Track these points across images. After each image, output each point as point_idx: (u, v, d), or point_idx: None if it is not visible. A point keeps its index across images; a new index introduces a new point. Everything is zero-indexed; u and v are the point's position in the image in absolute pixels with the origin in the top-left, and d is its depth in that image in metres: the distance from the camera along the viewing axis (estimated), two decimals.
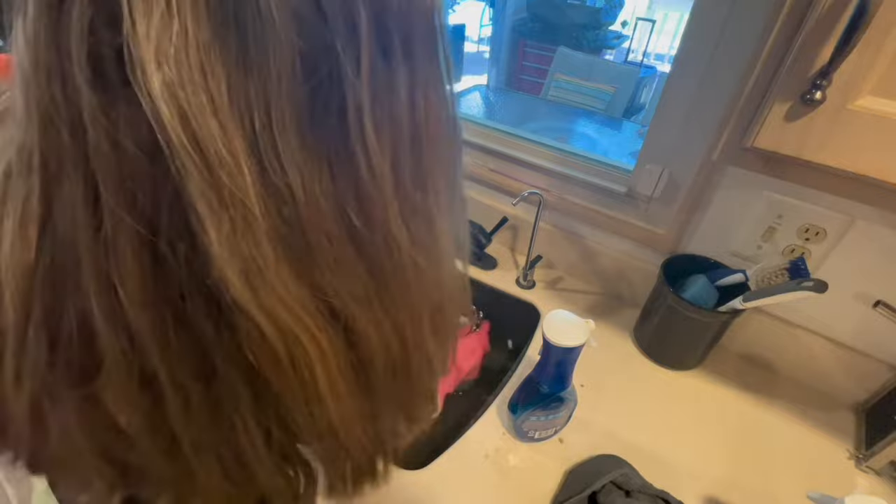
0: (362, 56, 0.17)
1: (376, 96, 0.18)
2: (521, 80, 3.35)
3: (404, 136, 0.19)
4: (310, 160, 0.17)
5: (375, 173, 0.19)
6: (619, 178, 0.78)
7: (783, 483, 0.60)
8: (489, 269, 0.94)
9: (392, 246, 0.20)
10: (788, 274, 0.62)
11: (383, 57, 0.17)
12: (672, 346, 0.74)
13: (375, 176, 0.19)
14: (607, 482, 0.55)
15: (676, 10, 3.53)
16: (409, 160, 0.20)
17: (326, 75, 0.16)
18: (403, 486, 0.58)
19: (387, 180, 0.19)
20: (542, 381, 0.58)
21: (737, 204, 0.68)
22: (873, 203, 0.39)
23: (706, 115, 0.64)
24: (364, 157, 0.18)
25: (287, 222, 0.17)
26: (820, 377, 0.72)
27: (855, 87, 0.34)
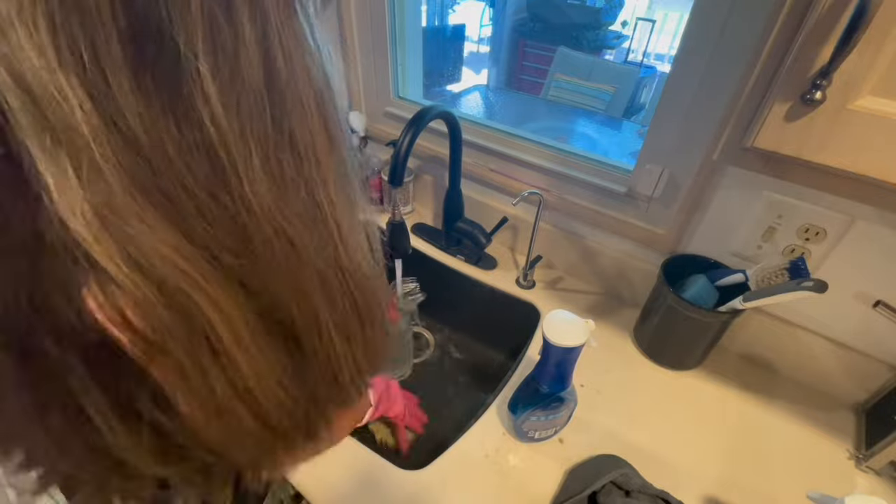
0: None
1: (214, 43, 0.16)
2: (521, 80, 3.36)
3: (255, 89, 0.18)
4: (148, 103, 0.16)
5: (221, 129, 0.17)
6: (619, 178, 0.78)
7: (783, 483, 0.60)
8: (489, 269, 0.94)
9: (250, 210, 0.19)
10: (788, 274, 0.62)
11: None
12: (672, 347, 0.74)
13: (221, 131, 0.17)
14: (607, 482, 0.55)
15: (676, 10, 3.53)
16: (267, 120, 0.18)
17: (151, 10, 0.15)
18: (403, 485, 0.58)
19: (235, 138, 0.18)
20: (542, 381, 0.58)
21: (737, 204, 0.68)
22: (873, 203, 0.39)
23: (706, 115, 0.64)
24: (205, 109, 0.17)
25: (137, 167, 0.16)
26: (820, 377, 0.72)
27: (855, 87, 0.34)
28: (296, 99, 0.19)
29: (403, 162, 0.71)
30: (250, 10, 0.17)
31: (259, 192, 0.19)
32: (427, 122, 0.72)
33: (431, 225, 1.05)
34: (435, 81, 2.96)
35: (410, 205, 1.09)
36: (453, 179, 0.90)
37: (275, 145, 0.19)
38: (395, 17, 0.92)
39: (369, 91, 1.03)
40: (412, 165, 1.03)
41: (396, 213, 0.78)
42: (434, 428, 0.81)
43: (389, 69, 0.97)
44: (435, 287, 0.96)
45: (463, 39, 3.24)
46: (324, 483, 0.58)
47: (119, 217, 0.16)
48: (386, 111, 1.02)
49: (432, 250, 0.98)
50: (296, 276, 0.21)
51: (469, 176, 0.94)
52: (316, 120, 0.20)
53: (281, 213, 0.20)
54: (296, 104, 0.19)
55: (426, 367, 0.97)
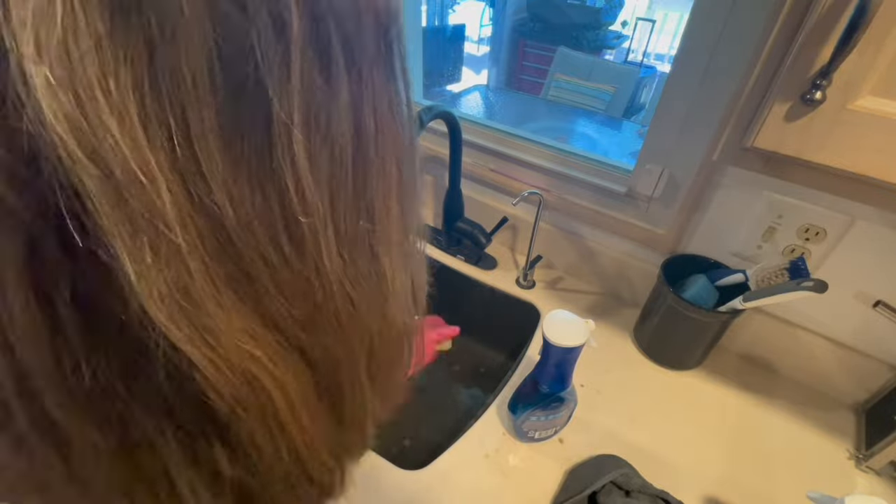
0: (292, 61, 0.14)
1: (309, 110, 0.15)
2: (521, 80, 3.36)
3: (345, 160, 0.17)
4: (238, 177, 0.15)
5: (306, 199, 0.16)
6: (619, 178, 0.78)
7: (783, 483, 0.60)
8: (489, 269, 0.94)
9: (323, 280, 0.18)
10: (788, 274, 0.62)
11: (319, 64, 0.15)
12: (672, 347, 0.74)
13: (306, 202, 0.16)
14: (607, 482, 0.55)
15: (676, 10, 3.53)
16: (350, 188, 0.18)
17: (250, 81, 0.14)
18: (403, 485, 0.58)
19: (319, 208, 0.17)
20: (542, 381, 0.58)
21: (737, 204, 0.68)
22: (873, 203, 0.39)
23: (706, 115, 0.64)
24: (292, 180, 0.16)
25: (220, 247, 0.15)
26: (820, 377, 0.72)
27: (855, 87, 0.34)
28: (380, 168, 0.19)
29: None
30: (348, 75, 0.16)
31: (333, 259, 0.18)
32: (427, 122, 0.72)
33: (431, 225, 1.05)
34: (435, 81, 2.96)
35: None
36: (453, 179, 0.90)
37: (351, 211, 0.18)
38: None
39: None
40: None
41: None
42: (434, 428, 0.81)
43: None
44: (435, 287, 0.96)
45: (463, 39, 3.24)
46: None
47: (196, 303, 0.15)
48: None
49: (432, 250, 0.98)
50: (353, 339, 0.21)
51: (469, 176, 0.94)
52: (394, 187, 0.20)
53: (350, 279, 0.19)
54: (379, 173, 0.19)
55: (426, 367, 0.97)
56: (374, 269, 0.20)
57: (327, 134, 0.16)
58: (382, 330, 0.23)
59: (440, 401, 0.89)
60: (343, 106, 0.16)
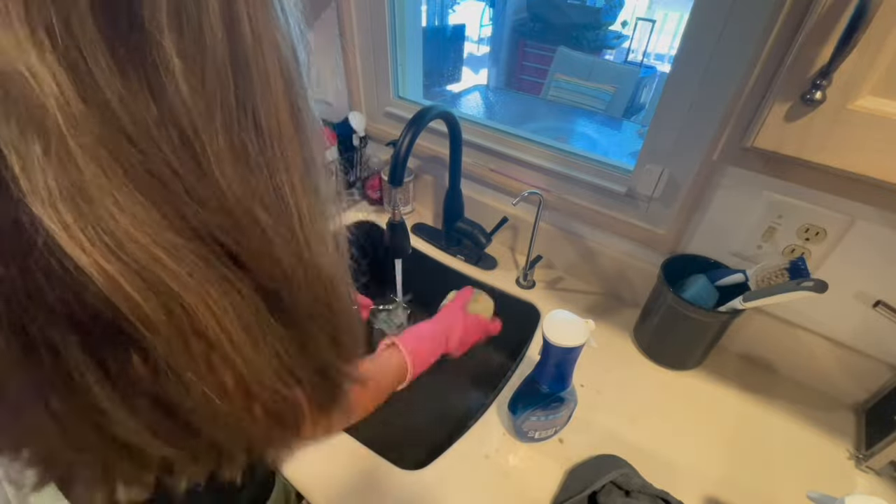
0: None
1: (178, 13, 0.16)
2: (521, 80, 3.36)
3: (219, 65, 0.17)
4: (124, 77, 0.15)
5: (187, 105, 0.16)
6: (619, 178, 0.78)
7: (783, 483, 0.60)
8: (489, 269, 0.94)
9: (218, 192, 0.18)
10: (788, 274, 0.62)
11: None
12: (672, 346, 0.74)
13: (187, 107, 0.16)
14: (607, 482, 0.55)
15: (676, 10, 3.53)
16: (231, 97, 0.17)
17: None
18: (403, 485, 0.58)
19: (201, 114, 0.17)
20: (542, 381, 0.58)
21: (737, 204, 0.68)
22: (873, 203, 0.39)
23: (706, 115, 0.64)
24: (170, 81, 0.16)
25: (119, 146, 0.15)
26: (820, 377, 0.72)
27: (855, 87, 0.34)
28: (262, 76, 0.18)
29: (403, 162, 0.71)
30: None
31: (227, 173, 0.18)
32: (427, 122, 0.72)
33: (431, 225, 1.05)
34: (435, 81, 2.96)
35: (410, 205, 1.09)
36: (453, 179, 0.90)
37: (239, 125, 0.18)
38: (395, 17, 0.92)
39: (369, 91, 1.03)
40: (412, 165, 1.03)
41: (396, 213, 0.78)
42: (434, 428, 0.81)
43: (389, 69, 0.97)
44: (435, 287, 0.95)
45: (463, 39, 3.24)
46: (324, 483, 0.58)
47: (93, 203, 0.15)
48: (386, 111, 1.02)
49: (432, 250, 0.98)
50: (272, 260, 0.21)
51: (469, 176, 0.94)
52: (282, 100, 0.20)
53: (250, 196, 0.19)
54: (262, 82, 0.18)
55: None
56: (277, 196, 0.20)
57: (199, 37, 0.16)
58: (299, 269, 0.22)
59: (440, 401, 0.89)
60: (213, 11, 0.16)
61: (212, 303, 0.19)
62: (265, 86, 0.19)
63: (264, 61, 0.18)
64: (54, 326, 0.18)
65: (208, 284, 0.18)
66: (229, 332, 0.20)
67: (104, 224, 0.16)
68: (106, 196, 0.16)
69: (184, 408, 0.21)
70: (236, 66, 0.17)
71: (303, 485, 0.58)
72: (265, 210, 0.19)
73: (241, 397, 0.22)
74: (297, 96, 0.20)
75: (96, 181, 0.15)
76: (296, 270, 0.22)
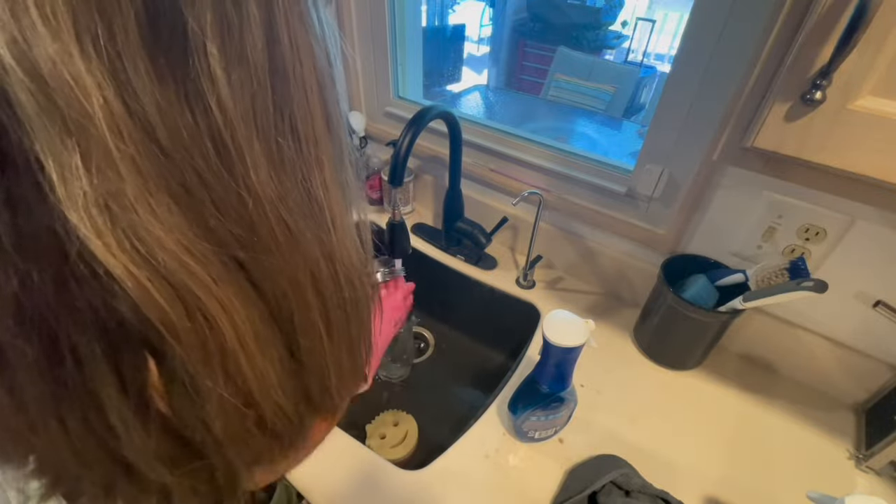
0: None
1: (221, 24, 0.16)
2: (521, 80, 3.36)
3: (259, 72, 0.17)
4: (164, 89, 0.15)
5: (227, 113, 0.17)
6: (619, 178, 0.78)
7: (783, 483, 0.60)
8: (489, 269, 0.94)
9: (255, 197, 0.18)
10: (788, 274, 0.62)
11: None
12: (672, 346, 0.74)
13: (227, 115, 0.17)
14: (607, 482, 0.55)
15: (676, 10, 3.53)
16: (270, 104, 0.18)
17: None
18: (403, 485, 0.58)
19: (239, 122, 0.17)
20: (542, 381, 0.58)
21: (737, 204, 0.68)
22: (873, 203, 0.39)
23: (706, 115, 0.64)
24: (211, 92, 0.16)
25: (154, 155, 0.16)
26: (820, 377, 0.72)
27: (855, 87, 0.34)
28: (298, 83, 0.19)
29: (403, 162, 0.71)
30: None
31: (262, 178, 0.18)
32: (427, 122, 0.72)
33: (431, 225, 1.05)
34: (435, 81, 2.96)
35: (410, 205, 1.09)
36: (453, 179, 0.90)
37: (276, 129, 0.19)
38: (395, 17, 0.92)
39: (369, 91, 1.03)
40: (412, 165, 1.03)
41: (396, 213, 0.78)
42: (434, 428, 0.81)
43: (389, 69, 0.97)
44: (435, 287, 0.96)
45: (463, 39, 3.24)
46: (324, 483, 0.58)
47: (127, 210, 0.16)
48: (386, 111, 1.02)
49: (432, 250, 0.98)
50: (294, 268, 0.21)
51: (469, 176, 0.94)
52: (317, 104, 0.20)
53: (281, 200, 0.19)
54: (298, 88, 0.19)
55: (426, 367, 0.97)
56: (307, 195, 0.20)
57: (241, 48, 0.17)
58: (330, 267, 0.22)
59: (440, 401, 0.89)
60: (254, 20, 0.17)
61: (234, 312, 0.19)
62: (301, 92, 0.19)
63: (301, 68, 0.19)
64: (82, 335, 0.18)
65: (231, 293, 0.19)
66: (246, 343, 0.20)
67: (137, 231, 0.16)
68: (141, 203, 0.16)
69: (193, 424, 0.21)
70: (274, 74, 0.18)
71: (303, 485, 0.58)
72: (291, 210, 0.20)
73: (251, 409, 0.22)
74: (330, 101, 0.21)
75: (133, 189, 0.16)
76: (324, 270, 0.22)
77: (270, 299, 0.21)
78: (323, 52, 0.20)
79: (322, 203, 0.21)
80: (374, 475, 0.59)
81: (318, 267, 0.22)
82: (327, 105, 0.21)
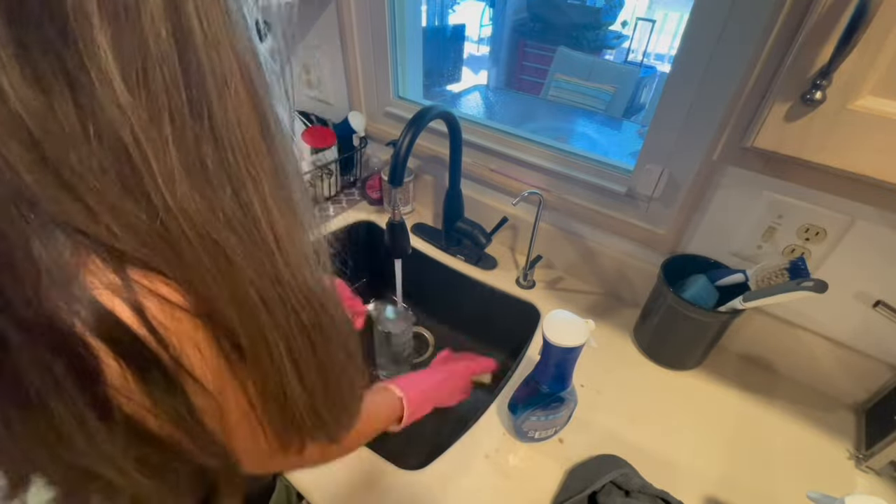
0: None
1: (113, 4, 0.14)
2: (521, 80, 3.36)
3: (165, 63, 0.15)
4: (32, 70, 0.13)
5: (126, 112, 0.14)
6: (619, 178, 0.78)
7: (783, 483, 0.60)
8: (489, 269, 0.94)
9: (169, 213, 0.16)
10: (788, 274, 0.62)
11: None
12: (672, 346, 0.74)
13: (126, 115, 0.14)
14: (607, 482, 0.55)
15: (676, 10, 3.53)
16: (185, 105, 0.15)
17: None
18: (403, 485, 0.58)
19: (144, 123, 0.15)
20: (542, 381, 0.58)
21: (737, 204, 0.68)
22: (873, 203, 0.39)
23: (706, 115, 0.64)
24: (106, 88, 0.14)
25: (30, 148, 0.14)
26: (820, 377, 0.72)
27: (855, 87, 0.34)
28: (218, 82, 0.16)
29: (403, 162, 0.71)
30: None
31: (180, 191, 0.16)
32: (427, 122, 0.72)
33: (431, 225, 1.05)
34: (435, 81, 2.96)
35: (410, 205, 1.09)
36: (453, 179, 0.90)
37: (194, 135, 0.16)
38: (395, 17, 0.92)
39: (369, 91, 1.03)
40: (412, 165, 1.03)
41: (396, 213, 0.78)
42: (434, 428, 0.81)
43: (389, 69, 0.97)
44: (435, 287, 0.96)
45: (463, 39, 3.24)
46: (324, 483, 0.58)
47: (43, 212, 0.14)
48: (386, 111, 1.02)
49: (432, 250, 0.98)
50: (233, 289, 0.19)
51: (469, 176, 0.94)
52: (244, 109, 0.17)
53: (205, 215, 0.17)
54: (219, 88, 0.16)
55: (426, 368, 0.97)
56: (241, 211, 0.18)
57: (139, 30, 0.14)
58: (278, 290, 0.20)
59: None
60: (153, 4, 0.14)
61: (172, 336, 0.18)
62: (222, 91, 0.17)
63: (220, 65, 0.16)
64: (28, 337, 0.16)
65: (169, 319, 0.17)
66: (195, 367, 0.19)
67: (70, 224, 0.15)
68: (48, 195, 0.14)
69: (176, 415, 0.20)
70: (186, 69, 0.15)
71: (303, 485, 0.58)
72: (231, 231, 0.18)
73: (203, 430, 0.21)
74: (263, 104, 0.19)
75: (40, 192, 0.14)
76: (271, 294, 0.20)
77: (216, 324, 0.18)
78: (249, 49, 0.18)
79: (259, 221, 0.19)
80: (374, 475, 0.59)
81: (265, 289, 0.19)
82: (259, 110, 0.18)
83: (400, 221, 0.79)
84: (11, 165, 0.14)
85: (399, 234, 0.79)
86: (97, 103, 0.14)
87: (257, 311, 0.19)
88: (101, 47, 0.14)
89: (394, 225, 0.78)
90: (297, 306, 0.21)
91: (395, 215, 0.78)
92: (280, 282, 0.20)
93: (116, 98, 0.14)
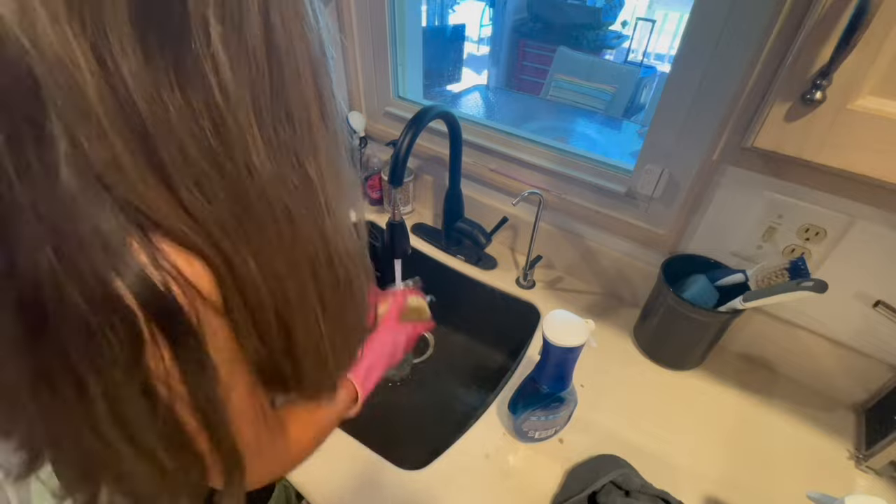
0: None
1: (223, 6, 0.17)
2: (521, 80, 3.36)
3: (257, 58, 0.18)
4: (149, 64, 0.16)
5: (229, 95, 0.18)
6: (619, 178, 0.78)
7: (783, 483, 0.60)
8: (489, 269, 0.94)
9: (253, 176, 0.19)
10: (788, 274, 0.62)
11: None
12: (672, 346, 0.74)
13: (229, 98, 0.18)
14: (607, 482, 0.55)
15: (676, 10, 3.53)
16: (268, 89, 0.19)
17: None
18: (403, 485, 0.58)
19: (242, 105, 0.18)
20: (542, 381, 0.58)
21: (737, 204, 0.68)
22: (873, 203, 0.39)
23: (706, 114, 0.64)
24: (215, 76, 0.17)
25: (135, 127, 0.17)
26: (820, 377, 0.72)
27: (855, 87, 0.34)
28: (293, 69, 0.20)
29: (403, 162, 0.71)
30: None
31: (262, 160, 0.19)
32: (427, 122, 0.72)
33: (431, 225, 1.05)
34: (435, 81, 2.96)
35: (410, 205, 1.09)
36: (453, 179, 0.90)
37: (273, 113, 0.19)
38: (395, 17, 0.92)
39: (369, 91, 1.03)
40: (412, 165, 1.03)
41: (396, 213, 0.78)
42: (434, 428, 0.81)
43: (389, 69, 0.97)
44: (435, 287, 0.95)
45: (463, 39, 3.24)
46: (324, 483, 0.58)
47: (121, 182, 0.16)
48: (386, 111, 1.02)
49: (432, 250, 0.98)
50: (291, 250, 0.22)
51: (469, 176, 0.94)
52: (310, 91, 0.21)
53: (279, 181, 0.20)
54: (292, 74, 0.20)
55: (426, 367, 0.97)
56: (303, 177, 0.21)
57: (241, 34, 0.17)
58: (325, 249, 0.23)
59: (440, 401, 0.89)
60: (252, 4, 0.18)
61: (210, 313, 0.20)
62: (295, 77, 0.20)
63: (295, 54, 0.20)
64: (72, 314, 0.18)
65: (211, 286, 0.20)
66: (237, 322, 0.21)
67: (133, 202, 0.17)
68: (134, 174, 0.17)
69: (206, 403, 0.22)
70: (271, 58, 0.19)
71: (303, 485, 0.58)
72: (290, 193, 0.21)
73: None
74: (323, 89, 0.22)
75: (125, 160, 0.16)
76: (318, 249, 0.23)
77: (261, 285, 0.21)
78: (316, 40, 0.21)
79: (317, 187, 0.22)
80: (374, 475, 0.59)
81: (314, 248, 0.23)
82: (321, 93, 0.22)
83: (400, 221, 0.79)
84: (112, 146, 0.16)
85: (399, 235, 0.79)
86: (208, 91, 0.17)
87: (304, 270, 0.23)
88: (214, 40, 0.17)
89: (394, 225, 0.78)
90: (337, 263, 0.24)
91: (395, 215, 0.78)
92: (327, 240, 0.23)
93: (225, 86, 0.17)
